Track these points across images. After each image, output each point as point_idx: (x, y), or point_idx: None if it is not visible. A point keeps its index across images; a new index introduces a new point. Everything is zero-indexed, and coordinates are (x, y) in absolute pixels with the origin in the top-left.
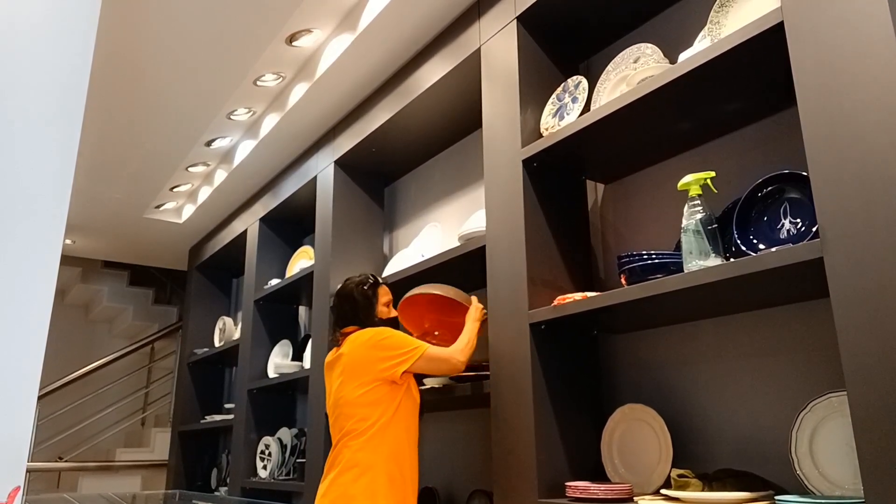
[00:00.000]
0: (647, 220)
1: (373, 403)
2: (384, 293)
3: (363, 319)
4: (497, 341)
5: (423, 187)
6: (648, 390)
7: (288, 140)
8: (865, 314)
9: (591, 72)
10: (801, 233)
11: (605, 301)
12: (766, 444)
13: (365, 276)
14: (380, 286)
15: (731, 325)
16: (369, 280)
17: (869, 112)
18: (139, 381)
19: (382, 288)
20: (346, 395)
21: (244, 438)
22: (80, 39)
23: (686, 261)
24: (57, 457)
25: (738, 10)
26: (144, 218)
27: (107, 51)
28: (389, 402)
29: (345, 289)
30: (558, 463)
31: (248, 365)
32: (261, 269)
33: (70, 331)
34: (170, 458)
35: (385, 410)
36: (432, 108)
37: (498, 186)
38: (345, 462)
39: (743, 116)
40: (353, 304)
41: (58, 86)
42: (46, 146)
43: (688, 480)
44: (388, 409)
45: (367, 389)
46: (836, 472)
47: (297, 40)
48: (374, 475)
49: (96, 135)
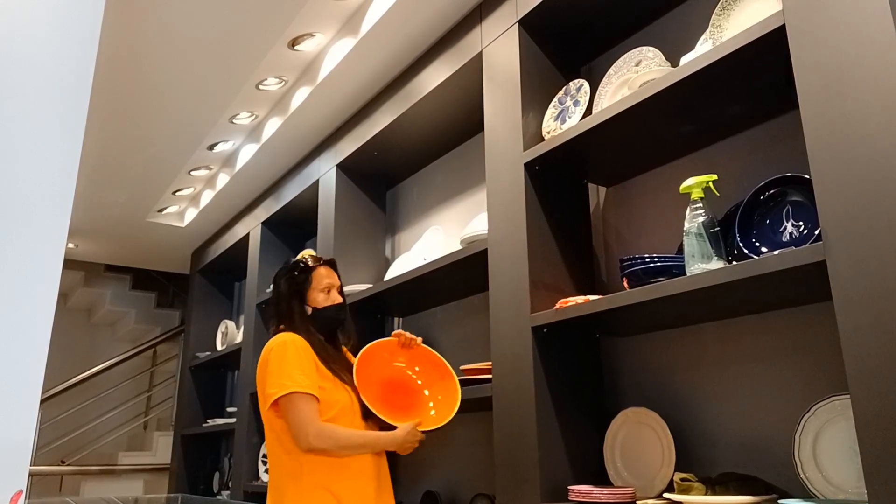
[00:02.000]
0: (649, 223)
1: (275, 443)
2: (323, 276)
3: (290, 316)
4: (499, 345)
5: (425, 191)
6: (651, 393)
7: (290, 144)
8: (868, 317)
9: (592, 75)
10: (804, 236)
11: (608, 304)
12: (770, 447)
13: (293, 260)
14: (314, 269)
15: (734, 328)
16: (300, 264)
17: (871, 114)
18: (141, 384)
19: (319, 270)
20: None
21: (246, 442)
22: (83, 44)
23: (688, 264)
24: (59, 461)
25: (740, 13)
26: (147, 222)
27: (109, 55)
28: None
29: (274, 278)
30: (561, 466)
31: (250, 368)
32: (263, 272)
33: (72, 334)
34: (172, 462)
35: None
36: (434, 112)
37: (500, 190)
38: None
39: (745, 119)
40: (276, 298)
41: (61, 90)
42: (49, 150)
43: (691, 484)
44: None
45: (266, 419)
46: (839, 476)
47: (299, 44)
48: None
49: (99, 139)
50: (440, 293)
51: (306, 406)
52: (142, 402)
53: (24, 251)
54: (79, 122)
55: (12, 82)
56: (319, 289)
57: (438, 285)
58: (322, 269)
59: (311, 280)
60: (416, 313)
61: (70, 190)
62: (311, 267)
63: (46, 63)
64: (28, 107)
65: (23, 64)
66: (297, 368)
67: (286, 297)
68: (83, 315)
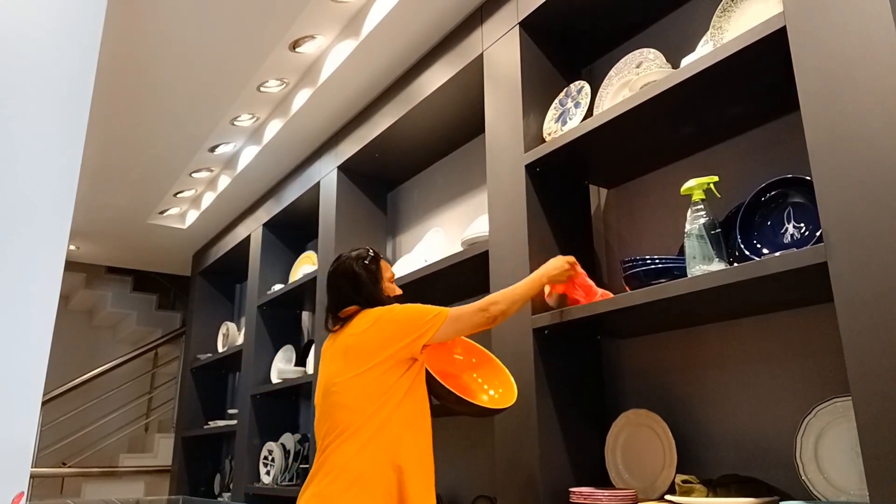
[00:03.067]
0: (651, 224)
1: (374, 394)
2: (387, 268)
3: (367, 297)
4: (500, 346)
5: (426, 192)
6: (652, 395)
7: (291, 146)
8: (870, 318)
9: (593, 77)
10: (805, 237)
11: (609, 306)
12: (771, 449)
13: (364, 249)
14: (381, 260)
15: (735, 329)
16: (369, 253)
17: (872, 115)
18: (142, 386)
19: (384, 262)
20: (342, 382)
21: (247, 444)
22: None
23: (689, 265)
24: (60, 462)
25: (741, 14)
26: (148, 224)
27: (110, 57)
28: (394, 391)
29: (342, 265)
30: (562, 468)
31: (251, 370)
32: (264, 274)
33: (74, 336)
34: (173, 464)
35: (387, 402)
36: (435, 114)
37: (501, 191)
38: (333, 467)
39: (746, 121)
40: (355, 281)
41: (62, 92)
42: (51, 153)
43: (692, 486)
44: (390, 399)
45: (373, 375)
46: (841, 478)
47: (300, 46)
48: (369, 486)
49: (100, 141)
50: (441, 295)
51: (457, 309)
52: (143, 404)
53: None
54: (80, 125)
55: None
56: (387, 277)
57: (439, 287)
58: (385, 261)
59: (381, 269)
60: None
61: (71, 192)
62: (377, 256)
63: (48, 66)
64: (30, 109)
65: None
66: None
67: (367, 282)
68: (84, 317)
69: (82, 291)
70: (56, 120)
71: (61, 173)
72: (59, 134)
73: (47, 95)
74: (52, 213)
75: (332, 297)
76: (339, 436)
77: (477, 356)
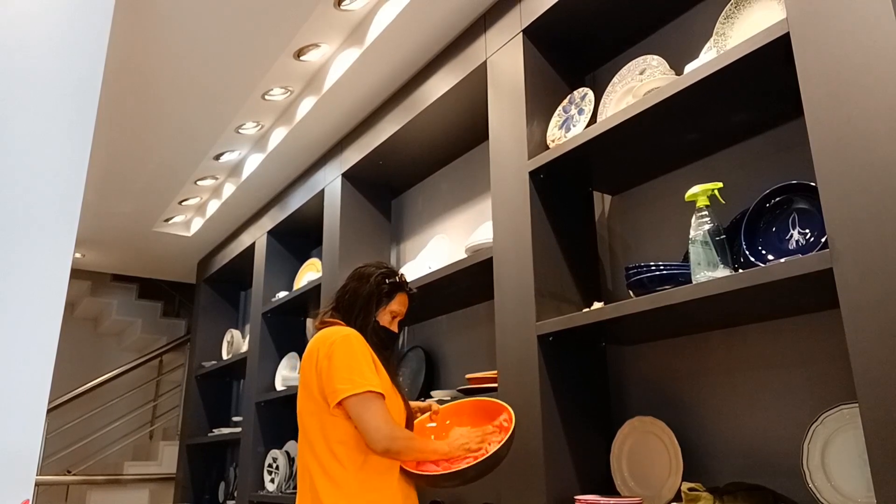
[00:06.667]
0: (655, 231)
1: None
2: (401, 302)
3: (355, 314)
4: (504, 353)
5: (430, 199)
6: (658, 402)
7: (295, 153)
8: (876, 325)
9: (597, 84)
10: (810, 243)
11: (613, 313)
12: (778, 456)
13: (392, 270)
14: (402, 291)
15: (741, 336)
16: (395, 278)
17: (877, 121)
18: (147, 394)
19: (403, 295)
20: (303, 417)
21: (252, 451)
22: (90, 55)
23: (694, 272)
24: (65, 470)
25: (744, 21)
26: (153, 231)
27: (116, 65)
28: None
29: (363, 269)
30: (567, 476)
31: (255, 378)
32: (269, 281)
33: (79, 344)
34: (178, 472)
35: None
36: (439, 121)
37: (505, 198)
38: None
39: (750, 127)
40: (355, 291)
41: (68, 101)
42: (57, 161)
43: (698, 494)
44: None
45: (323, 413)
46: (848, 485)
47: (304, 55)
48: None
49: (106, 149)
50: (446, 302)
51: (382, 406)
52: (148, 412)
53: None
54: (86, 133)
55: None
56: (391, 309)
57: (444, 294)
58: (405, 296)
59: (393, 298)
60: (421, 322)
61: (77, 200)
62: (401, 286)
63: (55, 74)
64: (37, 118)
65: (31, 75)
66: (367, 366)
67: (366, 296)
68: (90, 324)
69: (88, 299)
70: (62, 129)
71: (67, 181)
72: (66, 142)
73: (54, 105)
74: (58, 221)
75: (333, 298)
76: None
77: (449, 416)
